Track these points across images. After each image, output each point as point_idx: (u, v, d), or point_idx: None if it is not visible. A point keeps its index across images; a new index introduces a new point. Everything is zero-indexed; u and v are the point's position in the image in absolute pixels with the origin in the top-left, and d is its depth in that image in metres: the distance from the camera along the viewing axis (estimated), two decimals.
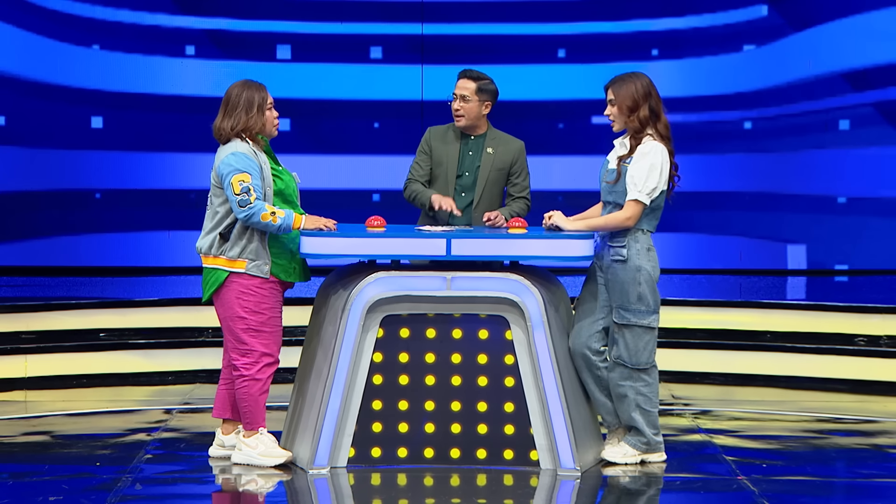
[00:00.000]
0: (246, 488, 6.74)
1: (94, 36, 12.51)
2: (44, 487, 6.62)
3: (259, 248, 6.84)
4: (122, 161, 12.62)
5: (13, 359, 9.44)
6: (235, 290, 6.84)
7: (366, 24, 12.69)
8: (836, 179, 12.76)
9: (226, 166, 6.77)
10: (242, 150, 6.81)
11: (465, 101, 7.55)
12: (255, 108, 6.88)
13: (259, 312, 6.87)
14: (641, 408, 7.02)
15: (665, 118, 7.01)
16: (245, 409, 6.93)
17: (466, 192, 7.64)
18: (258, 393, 6.92)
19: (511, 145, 7.66)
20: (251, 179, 6.74)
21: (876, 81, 12.65)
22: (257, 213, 6.72)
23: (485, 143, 7.64)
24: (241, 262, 6.83)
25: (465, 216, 7.60)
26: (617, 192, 6.97)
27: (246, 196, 6.71)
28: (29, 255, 12.61)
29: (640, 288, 6.93)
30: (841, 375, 9.53)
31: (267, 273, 6.86)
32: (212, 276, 6.88)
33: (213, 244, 6.86)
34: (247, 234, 6.83)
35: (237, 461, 7.00)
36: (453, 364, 6.89)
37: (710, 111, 12.73)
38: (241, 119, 6.85)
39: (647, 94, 6.97)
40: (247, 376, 6.90)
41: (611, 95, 7.02)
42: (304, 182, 7.21)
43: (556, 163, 12.68)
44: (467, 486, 6.67)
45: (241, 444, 6.99)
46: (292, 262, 6.95)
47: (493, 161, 7.62)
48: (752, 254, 12.84)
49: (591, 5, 12.76)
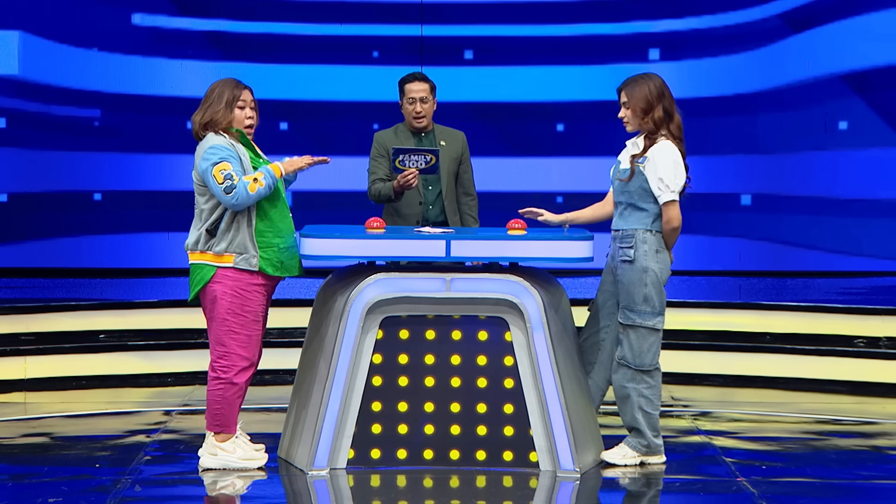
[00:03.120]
0: (245, 490, 6.73)
1: (93, 37, 12.51)
2: (43, 489, 6.62)
3: (246, 241, 6.79)
4: (122, 162, 12.62)
5: (13, 360, 9.43)
6: (221, 290, 6.80)
7: (365, 25, 12.69)
8: (836, 181, 12.76)
9: (204, 162, 6.73)
10: (217, 142, 6.78)
11: (424, 102, 7.97)
12: (224, 104, 6.82)
13: (242, 315, 6.83)
14: (643, 410, 7.02)
15: (678, 118, 7.03)
16: (217, 411, 6.87)
17: (433, 184, 7.99)
18: (234, 397, 6.86)
19: (457, 136, 8.11)
20: (232, 166, 6.71)
21: (875, 83, 12.65)
22: (244, 190, 6.67)
23: (436, 137, 8.03)
24: (228, 257, 6.80)
25: (436, 206, 7.96)
26: (629, 192, 6.98)
27: (230, 182, 6.67)
28: (28, 257, 12.61)
29: (647, 289, 6.94)
30: (840, 377, 9.53)
31: (255, 266, 6.81)
32: (198, 274, 6.85)
33: (198, 240, 6.83)
34: (233, 228, 6.79)
35: (211, 466, 6.93)
36: (453, 365, 6.89)
37: (709, 112, 12.73)
38: (208, 112, 6.82)
39: (661, 95, 6.99)
40: (223, 379, 6.85)
41: (624, 98, 7.03)
42: (304, 183, 7.21)
43: (556, 164, 12.69)
44: (467, 488, 6.67)
45: (216, 449, 6.94)
46: (279, 256, 6.88)
47: (448, 153, 8.00)
48: (751, 255, 12.84)
49: (590, 7, 12.76)
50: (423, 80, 7.97)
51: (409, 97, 7.94)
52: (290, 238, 6.95)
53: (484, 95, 12.60)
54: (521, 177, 12.56)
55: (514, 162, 12.57)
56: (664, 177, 6.91)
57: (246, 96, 6.89)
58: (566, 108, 12.73)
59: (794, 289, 11.75)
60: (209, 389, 6.89)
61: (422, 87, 7.94)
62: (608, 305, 7.12)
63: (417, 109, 7.93)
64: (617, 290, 7.05)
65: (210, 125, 6.83)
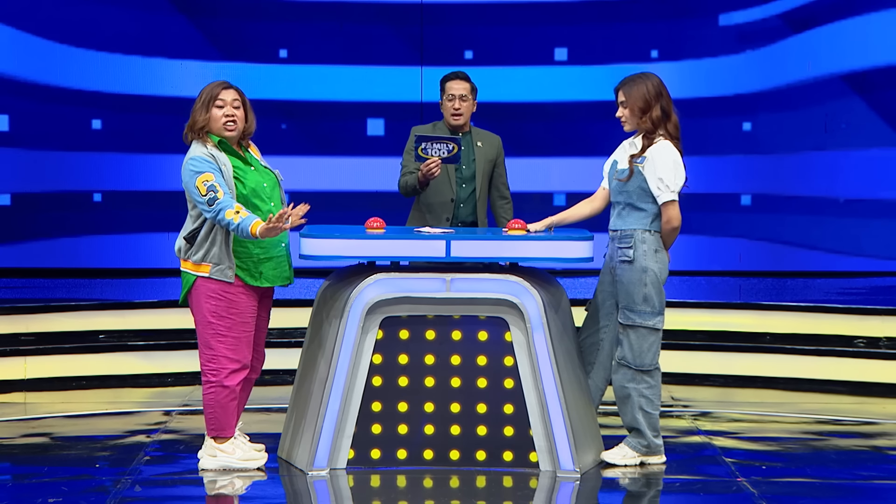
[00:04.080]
0: (245, 491, 6.73)
1: (93, 37, 12.51)
2: (43, 489, 6.62)
3: (221, 252, 6.73)
4: (122, 163, 12.62)
5: (12, 360, 9.43)
6: (204, 294, 6.78)
7: (365, 25, 12.69)
8: (836, 181, 12.75)
9: (186, 174, 6.69)
10: (198, 153, 6.72)
11: (464, 100, 8.01)
12: (201, 103, 6.77)
13: (227, 317, 6.79)
14: (644, 410, 7.02)
15: (675, 118, 7.03)
16: (211, 415, 6.85)
17: (467, 183, 8.01)
18: (227, 400, 6.83)
19: (493, 139, 8.17)
20: (214, 177, 6.67)
21: (875, 83, 12.65)
22: (223, 210, 6.57)
23: (472, 137, 8.08)
24: (205, 267, 6.76)
25: (468, 205, 8.00)
26: (628, 192, 6.97)
27: (213, 194, 6.60)
28: (28, 257, 12.61)
29: (646, 289, 6.94)
30: (840, 377, 9.54)
31: (231, 277, 6.75)
32: (184, 279, 6.85)
33: (180, 248, 6.83)
34: (209, 239, 6.73)
35: (211, 467, 6.93)
36: (453, 366, 6.89)
37: (709, 113, 12.73)
38: (192, 116, 6.79)
39: (659, 95, 6.99)
40: (213, 382, 6.83)
41: (622, 97, 7.02)
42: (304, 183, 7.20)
43: (556, 164, 12.69)
44: (467, 488, 6.67)
45: (215, 451, 6.93)
46: (258, 266, 6.82)
47: (484, 154, 8.05)
48: (751, 255, 12.83)
49: (591, 7, 12.76)
50: (464, 80, 8.04)
51: (449, 94, 8.01)
52: (276, 248, 6.85)
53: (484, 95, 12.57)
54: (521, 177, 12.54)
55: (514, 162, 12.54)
56: (664, 177, 6.90)
57: (226, 95, 6.78)
58: (566, 108, 12.73)
59: (794, 289, 11.75)
60: (203, 393, 6.89)
61: (462, 86, 8.01)
62: (606, 305, 7.12)
63: (456, 106, 7.98)
64: (616, 290, 7.04)
65: (191, 126, 6.80)
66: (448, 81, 8.05)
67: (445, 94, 8.03)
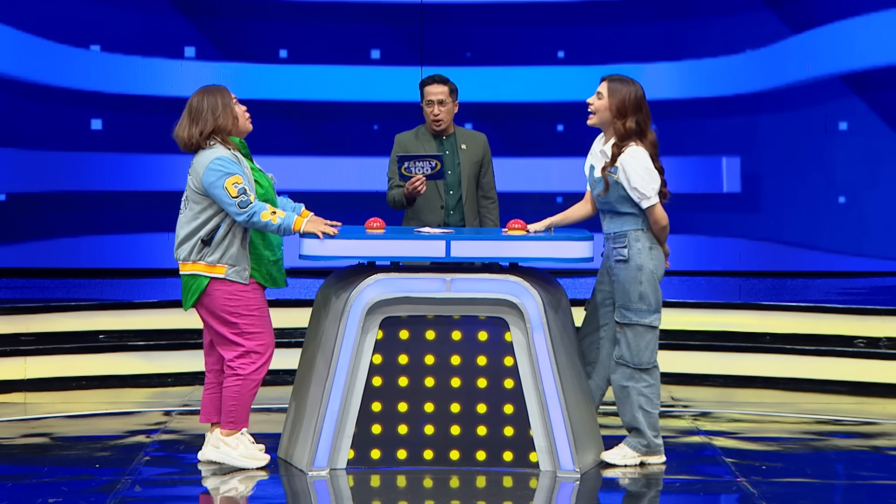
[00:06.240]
0: (245, 491, 6.74)
1: (93, 37, 12.51)
2: (43, 489, 6.62)
3: (239, 253, 6.80)
4: (122, 163, 12.62)
5: (12, 360, 9.43)
6: (221, 296, 6.81)
7: (365, 25, 12.69)
8: (835, 181, 12.75)
9: (213, 173, 6.70)
10: (225, 154, 6.77)
11: (443, 104, 7.84)
12: (221, 107, 6.80)
13: (247, 315, 6.86)
14: (643, 409, 7.02)
15: (653, 135, 6.97)
16: (232, 407, 6.90)
17: (454, 189, 7.90)
18: (251, 392, 6.92)
19: (478, 139, 8.00)
20: (244, 180, 6.72)
21: (875, 83, 12.65)
22: (258, 213, 6.68)
23: (457, 140, 7.93)
24: (220, 268, 6.80)
25: (457, 211, 7.89)
26: (610, 202, 6.98)
27: (245, 197, 6.68)
28: (28, 257, 12.61)
29: (642, 287, 6.94)
30: (840, 377, 9.54)
31: (247, 279, 6.83)
32: (193, 284, 6.84)
33: (192, 250, 6.82)
34: (227, 239, 6.78)
35: (211, 458, 6.97)
36: (453, 366, 6.89)
37: (709, 113, 12.73)
38: (209, 121, 6.79)
39: (637, 108, 6.93)
40: (241, 376, 6.89)
41: (603, 89, 6.99)
42: (304, 183, 7.22)
43: (555, 165, 12.69)
44: (467, 488, 6.67)
45: (220, 443, 6.96)
46: (268, 269, 6.92)
47: (469, 156, 7.91)
48: (751, 255, 12.84)
49: (591, 7, 12.76)
50: (441, 83, 7.85)
51: (428, 99, 7.85)
52: (279, 251, 6.99)
53: (484, 95, 12.60)
54: (521, 177, 12.56)
55: (514, 162, 12.56)
56: (638, 186, 6.89)
57: (232, 95, 6.89)
58: (566, 108, 12.73)
59: (794, 289, 11.75)
60: (225, 387, 6.91)
61: (440, 90, 7.82)
62: (605, 305, 7.12)
63: (435, 112, 7.82)
64: (613, 289, 7.04)
65: (216, 132, 6.80)
66: (426, 86, 7.86)
67: (424, 98, 7.87)
